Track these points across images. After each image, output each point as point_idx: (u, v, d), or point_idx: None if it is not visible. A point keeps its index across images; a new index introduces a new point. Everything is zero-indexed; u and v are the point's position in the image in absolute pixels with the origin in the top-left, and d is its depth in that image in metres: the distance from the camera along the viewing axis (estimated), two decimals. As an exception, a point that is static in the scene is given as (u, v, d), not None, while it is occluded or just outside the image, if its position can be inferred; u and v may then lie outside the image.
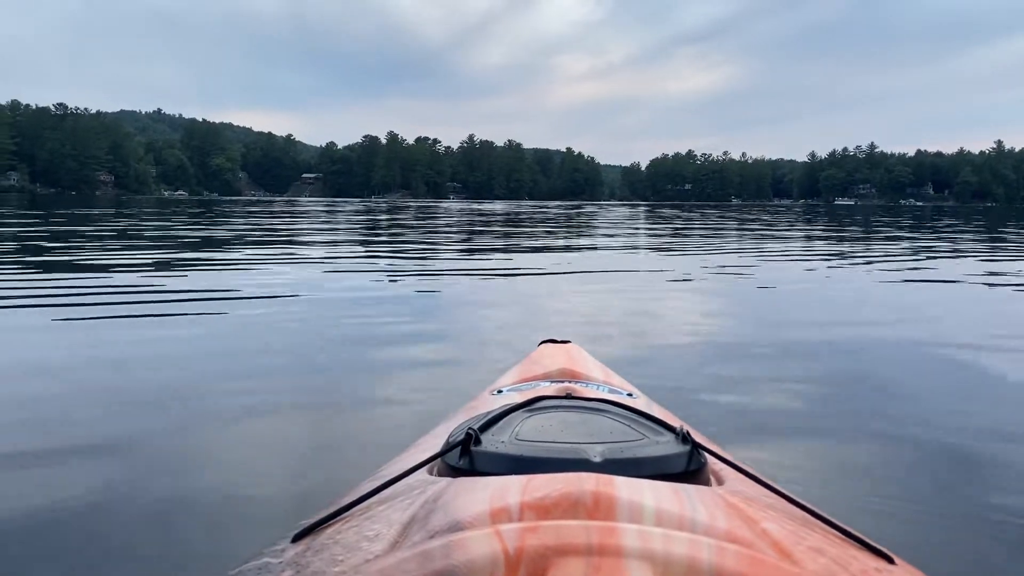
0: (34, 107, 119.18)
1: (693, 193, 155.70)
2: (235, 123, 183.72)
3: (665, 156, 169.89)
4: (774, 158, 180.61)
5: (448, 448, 0.99)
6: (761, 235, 16.12)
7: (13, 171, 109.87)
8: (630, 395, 1.34)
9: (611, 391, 1.30)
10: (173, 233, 13.74)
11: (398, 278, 6.83)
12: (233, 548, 1.49)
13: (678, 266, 8.53)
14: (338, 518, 0.91)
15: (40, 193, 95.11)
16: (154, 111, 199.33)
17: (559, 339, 1.70)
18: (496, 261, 8.87)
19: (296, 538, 0.90)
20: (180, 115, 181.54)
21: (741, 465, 0.99)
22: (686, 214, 35.28)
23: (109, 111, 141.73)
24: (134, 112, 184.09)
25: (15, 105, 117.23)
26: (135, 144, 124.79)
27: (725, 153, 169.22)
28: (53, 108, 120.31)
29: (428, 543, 0.73)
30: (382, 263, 8.38)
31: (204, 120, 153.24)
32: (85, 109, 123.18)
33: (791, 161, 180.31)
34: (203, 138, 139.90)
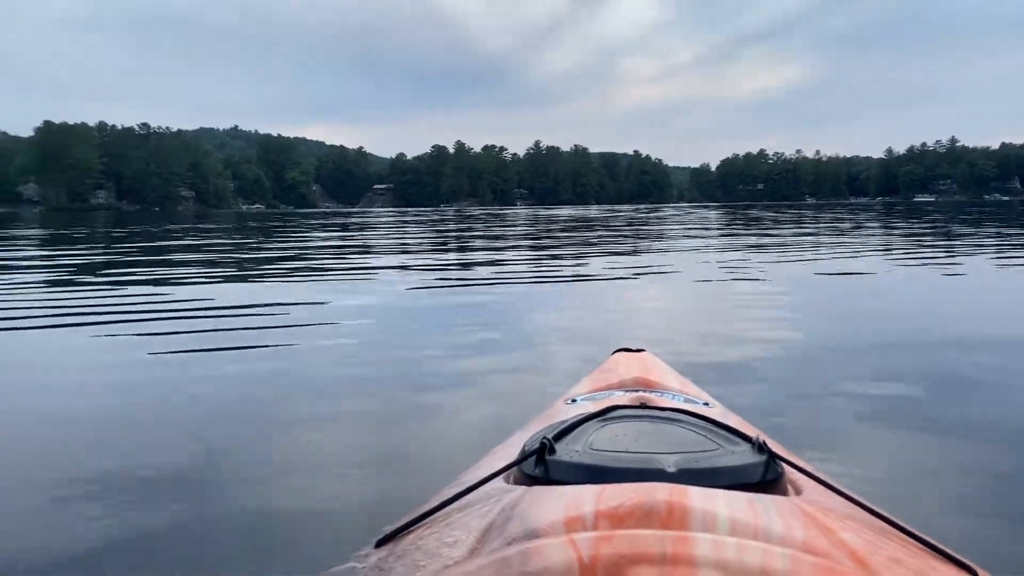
0: (119, 127, 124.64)
1: (766, 193, 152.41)
2: (308, 137, 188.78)
3: (736, 156, 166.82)
4: (849, 155, 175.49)
5: (523, 457, 1.00)
6: (841, 234, 15.70)
7: (101, 189, 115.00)
8: (706, 404, 1.33)
9: (686, 400, 1.30)
10: (254, 247, 14.18)
11: (469, 286, 6.90)
12: (318, 553, 1.54)
13: (755, 269, 8.37)
14: (419, 524, 0.94)
15: (126, 210, 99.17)
16: (231, 128, 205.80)
17: (633, 347, 1.69)
18: (565, 267, 8.89)
19: (379, 543, 0.94)
20: (256, 131, 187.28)
21: (819, 475, 0.98)
22: (760, 214, 34.57)
23: (189, 129, 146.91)
24: (212, 129, 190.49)
25: (102, 126, 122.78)
26: (214, 160, 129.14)
27: (798, 151, 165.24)
28: (137, 128, 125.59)
29: (505, 550, 0.75)
30: (453, 272, 8.49)
31: (279, 135, 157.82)
32: (167, 128, 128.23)
33: (867, 158, 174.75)
34: (278, 153, 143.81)
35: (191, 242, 15.87)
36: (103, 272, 8.87)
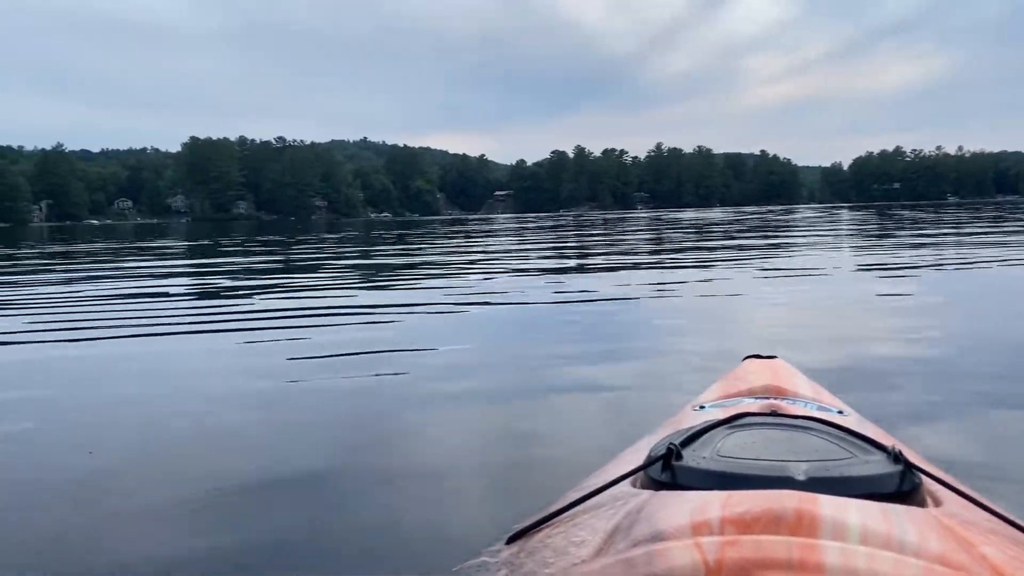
0: (258, 141, 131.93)
1: (903, 192, 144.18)
2: (433, 146, 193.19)
3: (870, 154, 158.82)
4: (995, 151, 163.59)
5: (650, 462, 1.00)
6: (988, 235, 14.71)
7: (242, 200, 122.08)
8: (840, 413, 1.30)
9: (819, 408, 1.27)
10: (383, 254, 14.69)
11: (592, 291, 6.92)
12: (451, 550, 1.51)
13: (893, 273, 8.01)
14: (547, 524, 0.96)
15: (264, 219, 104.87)
16: (360, 139, 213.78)
17: (764, 354, 1.66)
18: (691, 271, 8.76)
19: (510, 540, 0.96)
20: (383, 142, 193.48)
21: (962, 487, 0.95)
22: (898, 215, 32.82)
23: (321, 141, 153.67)
24: (343, 141, 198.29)
25: (242, 140, 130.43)
26: (345, 171, 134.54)
27: (938, 148, 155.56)
28: (274, 141, 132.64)
29: (631, 551, 0.75)
30: (574, 276, 8.53)
31: (405, 145, 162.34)
32: (301, 141, 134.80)
33: (1016, 153, 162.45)
34: (404, 162, 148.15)
35: (325, 248, 16.62)
36: (246, 278, 9.44)
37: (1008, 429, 2.57)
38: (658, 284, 7.56)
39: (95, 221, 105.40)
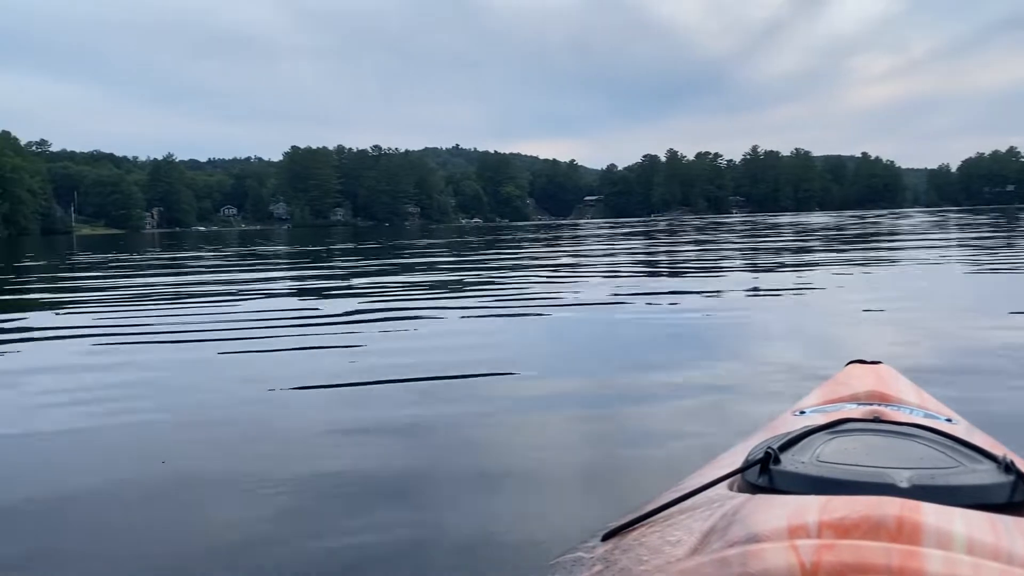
0: (355, 150, 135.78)
1: (1017, 195, 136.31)
2: (523, 153, 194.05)
3: (980, 155, 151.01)
4: None
5: (748, 465, 0.99)
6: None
7: (339, 207, 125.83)
8: (948, 420, 1.26)
9: (926, 416, 1.24)
10: (474, 259, 14.93)
11: (688, 295, 6.89)
12: (547, 545, 1.58)
13: (1010, 281, 7.66)
14: (643, 523, 0.96)
15: (361, 226, 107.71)
16: (452, 147, 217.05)
17: (868, 360, 1.61)
18: (790, 276, 8.59)
19: (605, 537, 0.97)
20: (475, 148, 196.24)
21: None
22: (1014, 219, 31.11)
23: (415, 149, 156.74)
24: (436, 149, 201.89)
25: (340, 149, 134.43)
26: (437, 178, 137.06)
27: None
28: (370, 150, 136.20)
29: (726, 551, 0.75)
30: (669, 280, 8.48)
31: (496, 152, 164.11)
32: (396, 149, 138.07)
33: None
34: (495, 169, 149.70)
35: (424, 252, 17.01)
36: (345, 279, 9.77)
37: None
38: (757, 288, 7.45)
39: (202, 228, 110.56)
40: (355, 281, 9.84)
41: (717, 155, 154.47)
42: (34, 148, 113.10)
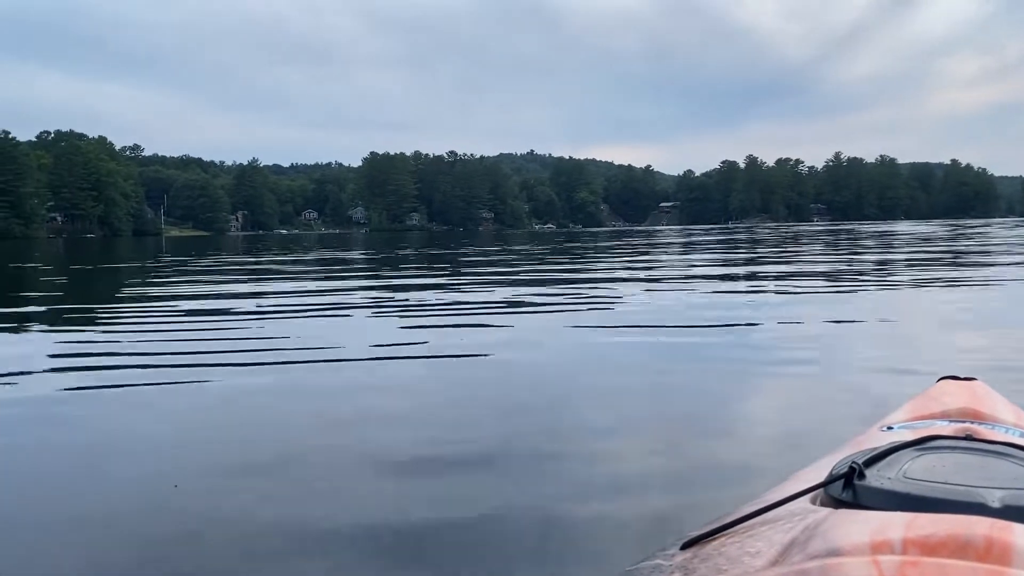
0: (431, 156, 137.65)
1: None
2: (598, 158, 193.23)
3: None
4: None
5: (831, 479, 0.98)
6: None
7: (415, 212, 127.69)
8: None
9: (1023, 435, 1.20)
10: (541, 267, 14.97)
11: (778, 306, 6.78)
12: (625, 552, 1.56)
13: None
14: (722, 533, 0.96)
15: (435, 230, 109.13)
16: (527, 152, 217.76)
17: (962, 376, 1.57)
18: (877, 289, 8.36)
19: (684, 546, 0.96)
20: (549, 154, 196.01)
21: None
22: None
23: (490, 155, 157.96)
24: (510, 154, 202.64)
25: (416, 155, 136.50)
26: (511, 183, 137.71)
27: None
28: (446, 156, 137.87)
29: (806, 564, 0.74)
30: (753, 287, 8.35)
31: (570, 158, 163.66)
32: (471, 155, 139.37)
33: None
34: (569, 174, 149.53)
35: (493, 259, 17.16)
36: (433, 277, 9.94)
37: None
38: (844, 300, 7.28)
39: (284, 231, 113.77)
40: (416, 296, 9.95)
41: (798, 161, 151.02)
42: (128, 153, 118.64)
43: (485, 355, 4.32)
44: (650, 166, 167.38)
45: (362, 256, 21.34)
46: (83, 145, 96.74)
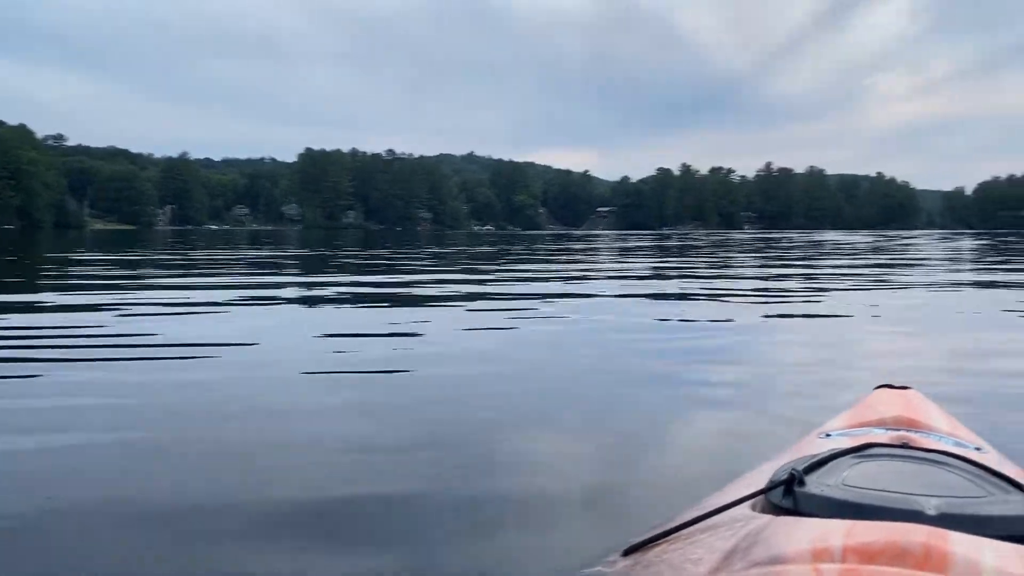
0: (368, 154, 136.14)
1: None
2: (537, 162, 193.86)
3: (996, 179, 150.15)
4: None
5: (772, 486, 0.98)
6: None
7: (351, 210, 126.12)
8: (978, 449, 1.24)
9: (956, 444, 1.22)
10: (486, 269, 14.81)
11: (711, 313, 6.75)
12: (567, 558, 1.56)
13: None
14: (664, 539, 0.95)
15: (372, 229, 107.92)
16: (467, 153, 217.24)
17: (897, 384, 1.59)
18: (810, 296, 8.44)
19: (626, 552, 0.96)
20: (489, 156, 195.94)
21: None
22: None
23: (429, 155, 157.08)
24: (450, 155, 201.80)
25: (354, 152, 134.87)
26: (451, 184, 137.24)
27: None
28: (384, 154, 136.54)
29: (747, 572, 0.74)
30: (683, 294, 8.35)
31: (510, 160, 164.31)
32: (410, 154, 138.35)
33: None
34: (509, 177, 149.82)
35: (434, 261, 16.92)
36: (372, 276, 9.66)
37: None
38: (777, 308, 7.31)
39: (214, 226, 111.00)
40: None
41: (731, 170, 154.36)
42: (50, 142, 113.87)
43: (410, 362, 4.13)
44: (588, 171, 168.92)
45: (287, 256, 20.83)
46: (1, 132, 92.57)
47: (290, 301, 7.50)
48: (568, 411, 3.10)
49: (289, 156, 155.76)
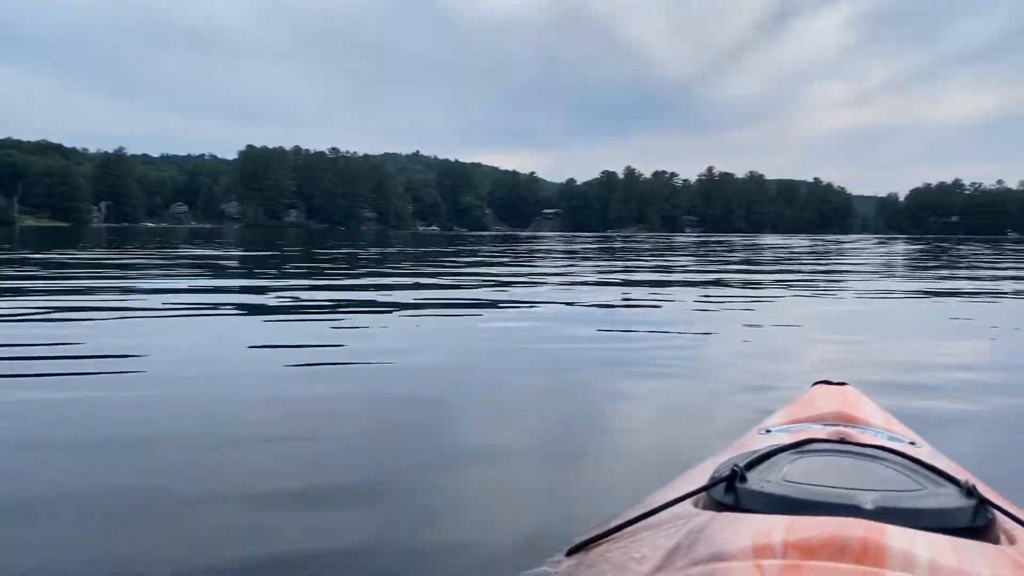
0: (312, 151, 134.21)
1: (961, 226, 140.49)
2: (484, 163, 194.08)
3: (928, 186, 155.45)
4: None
5: (714, 483, 0.99)
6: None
7: (294, 208, 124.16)
8: (912, 443, 1.27)
9: (890, 438, 1.24)
10: (433, 268, 14.71)
11: (653, 311, 6.78)
12: (512, 559, 1.55)
13: (963, 306, 7.71)
14: (607, 538, 0.96)
15: (315, 228, 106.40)
16: (413, 153, 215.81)
17: (834, 380, 1.62)
18: (750, 297, 8.56)
19: (570, 552, 0.97)
20: (435, 156, 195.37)
21: None
22: (956, 248, 31.98)
23: (375, 154, 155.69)
24: (396, 154, 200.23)
25: (297, 150, 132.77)
26: (395, 184, 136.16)
27: (999, 182, 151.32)
28: (328, 152, 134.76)
29: (691, 570, 0.75)
30: (633, 295, 8.38)
31: (456, 160, 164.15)
32: (354, 152, 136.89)
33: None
34: (455, 177, 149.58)
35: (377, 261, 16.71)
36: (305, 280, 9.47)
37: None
38: (717, 307, 7.38)
39: (151, 224, 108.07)
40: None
41: (673, 174, 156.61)
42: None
43: (354, 363, 4.03)
44: (534, 173, 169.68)
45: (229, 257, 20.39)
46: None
47: (217, 307, 7.30)
48: (509, 414, 3.04)
49: (230, 153, 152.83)
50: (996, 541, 0.87)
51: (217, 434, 2.59)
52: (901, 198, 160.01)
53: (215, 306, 6.45)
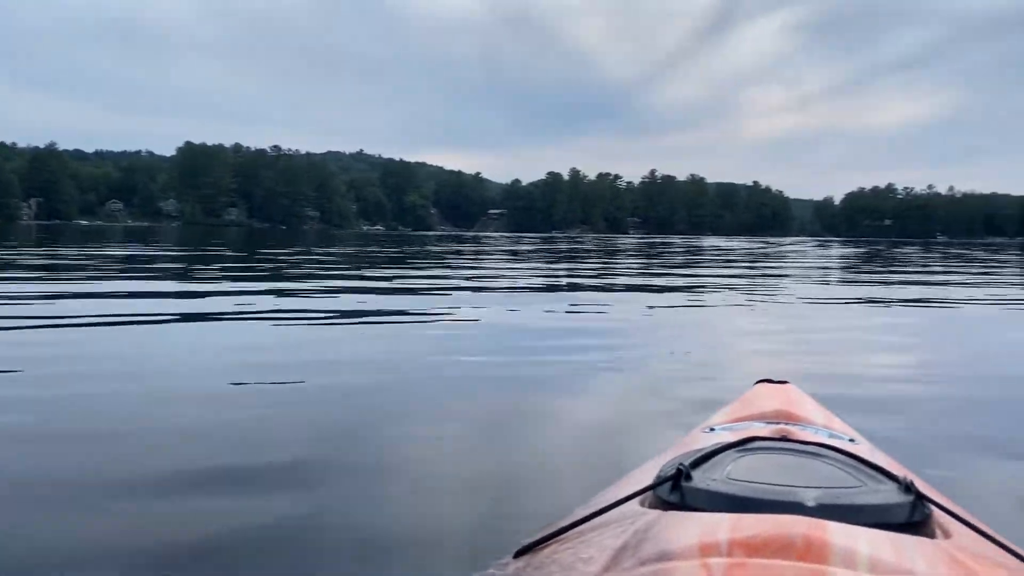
0: (253, 149, 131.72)
1: (893, 229, 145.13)
2: (428, 162, 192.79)
3: (862, 190, 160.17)
4: (987, 192, 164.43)
5: (659, 482, 1.00)
6: (983, 274, 14.73)
7: (234, 207, 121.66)
8: (851, 441, 1.29)
9: (831, 436, 1.27)
10: (379, 268, 14.56)
11: (600, 312, 6.82)
12: (459, 561, 1.56)
13: (896, 308, 7.95)
14: (555, 539, 0.97)
15: (256, 227, 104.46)
16: (356, 152, 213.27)
17: (776, 379, 1.65)
18: (692, 297, 8.68)
19: (517, 554, 0.97)
20: (379, 155, 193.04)
21: (972, 520, 0.95)
22: (889, 251, 33.00)
23: (317, 152, 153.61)
24: (339, 153, 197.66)
25: (237, 147, 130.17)
26: (339, 182, 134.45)
27: (929, 187, 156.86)
28: (269, 150, 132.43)
29: (638, 570, 0.76)
30: (579, 297, 8.42)
31: (401, 160, 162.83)
32: (296, 150, 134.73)
33: (1006, 196, 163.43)
34: (399, 176, 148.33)
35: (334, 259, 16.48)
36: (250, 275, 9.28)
37: (1016, 461, 2.51)
38: (660, 307, 7.46)
39: (84, 221, 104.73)
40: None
41: (617, 176, 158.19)
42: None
43: (292, 369, 3.96)
44: (480, 173, 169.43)
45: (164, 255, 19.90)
46: None
47: (146, 315, 7.11)
48: (454, 416, 3.02)
49: (168, 150, 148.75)
50: (933, 536, 0.89)
51: (145, 428, 2.56)
52: (836, 201, 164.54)
53: (147, 313, 6.26)
